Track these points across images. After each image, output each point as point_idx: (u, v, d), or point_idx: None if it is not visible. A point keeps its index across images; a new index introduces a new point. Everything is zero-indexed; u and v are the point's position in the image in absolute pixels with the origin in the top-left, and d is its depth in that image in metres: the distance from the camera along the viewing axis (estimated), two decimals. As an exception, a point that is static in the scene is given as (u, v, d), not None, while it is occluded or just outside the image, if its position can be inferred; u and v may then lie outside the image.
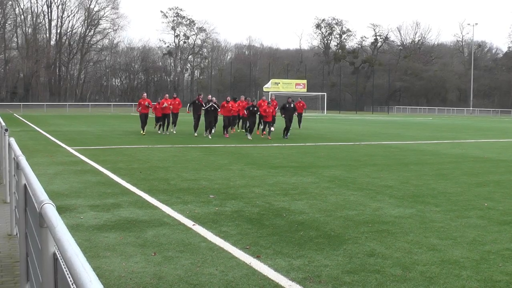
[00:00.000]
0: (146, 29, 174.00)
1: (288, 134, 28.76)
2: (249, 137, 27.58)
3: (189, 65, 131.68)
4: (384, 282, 6.13)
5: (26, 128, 35.48)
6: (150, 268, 6.46)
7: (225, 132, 29.29)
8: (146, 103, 30.48)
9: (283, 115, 28.59)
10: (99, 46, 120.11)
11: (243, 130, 32.10)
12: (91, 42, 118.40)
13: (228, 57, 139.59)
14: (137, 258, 6.82)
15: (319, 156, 19.46)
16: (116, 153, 19.58)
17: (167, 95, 32.23)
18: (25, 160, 5.17)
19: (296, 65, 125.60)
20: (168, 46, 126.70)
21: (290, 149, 22.12)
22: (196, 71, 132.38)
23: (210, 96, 30.70)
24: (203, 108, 28.57)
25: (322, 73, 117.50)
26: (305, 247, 7.45)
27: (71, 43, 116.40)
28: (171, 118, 31.09)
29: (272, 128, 28.53)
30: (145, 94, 32.63)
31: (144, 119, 30.38)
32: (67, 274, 2.48)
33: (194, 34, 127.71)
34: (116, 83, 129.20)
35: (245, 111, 28.67)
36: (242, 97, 34.22)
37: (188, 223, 8.75)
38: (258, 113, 28.30)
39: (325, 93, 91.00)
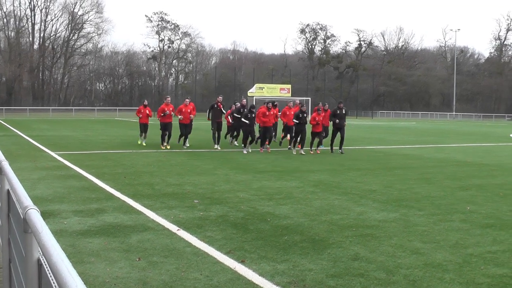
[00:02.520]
0: (130, 33, 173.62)
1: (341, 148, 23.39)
2: (302, 151, 22.55)
3: (173, 69, 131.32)
4: (368, 285, 6.16)
5: (9, 133, 35.25)
6: (134, 273, 6.45)
7: (263, 145, 23.63)
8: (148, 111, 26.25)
9: (336, 122, 23.25)
10: (83, 50, 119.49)
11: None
12: (75, 46, 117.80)
13: (213, 61, 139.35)
14: (122, 264, 6.80)
15: (303, 161, 19.51)
16: (100, 158, 19.51)
17: (188, 100, 24.94)
18: (8, 165, 5.15)
19: (281, 70, 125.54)
20: (152, 51, 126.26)
21: (275, 154, 22.15)
22: (180, 75, 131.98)
23: (244, 100, 26.40)
24: (243, 117, 23.56)
25: (307, 78, 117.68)
26: (289, 251, 7.47)
27: (55, 47, 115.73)
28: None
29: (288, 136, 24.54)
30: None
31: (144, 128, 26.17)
32: (52, 280, 2.48)
33: (178, 39, 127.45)
34: (100, 88, 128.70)
35: (293, 120, 22.95)
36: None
37: (173, 228, 8.74)
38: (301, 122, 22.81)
39: (310, 98, 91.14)
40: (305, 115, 22.80)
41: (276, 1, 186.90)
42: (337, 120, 23.21)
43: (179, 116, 24.16)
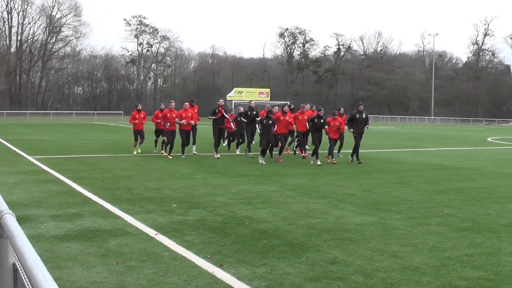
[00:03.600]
0: (109, 37, 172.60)
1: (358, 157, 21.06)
2: (319, 162, 19.86)
3: (152, 73, 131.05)
4: (346, 289, 6.19)
5: (-14, 137, 34.91)
6: (112, 278, 6.42)
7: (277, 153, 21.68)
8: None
9: (351, 130, 20.94)
10: (61, 54, 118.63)
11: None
12: (53, 50, 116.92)
13: (192, 65, 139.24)
14: (99, 268, 6.77)
15: (282, 165, 19.52)
16: (78, 162, 19.39)
17: (187, 103, 22.21)
18: (-16, 170, 5.10)
19: (260, 74, 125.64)
20: (131, 54, 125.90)
21: (253, 158, 22.14)
22: (159, 79, 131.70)
23: (253, 102, 23.89)
24: (258, 124, 21.57)
25: (286, 82, 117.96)
26: (267, 255, 7.47)
27: (32, 50, 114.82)
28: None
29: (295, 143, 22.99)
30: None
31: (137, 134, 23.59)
32: (27, 284, 2.47)
33: (157, 42, 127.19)
34: (78, 91, 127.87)
35: (307, 123, 21.13)
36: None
37: (151, 232, 8.71)
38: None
39: (288, 102, 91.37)
40: (322, 120, 20.29)
41: (255, 5, 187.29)
42: (351, 130, 20.82)
43: (181, 122, 21.37)
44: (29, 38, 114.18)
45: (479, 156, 25.30)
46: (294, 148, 24.18)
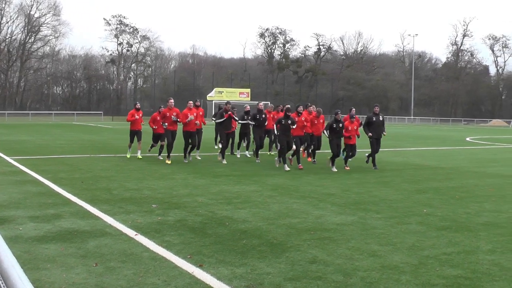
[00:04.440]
0: (88, 36, 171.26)
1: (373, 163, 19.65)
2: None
3: (132, 73, 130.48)
4: (325, 288, 6.21)
5: (-36, 137, 34.60)
6: (91, 279, 6.38)
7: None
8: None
9: (369, 134, 19.46)
10: (40, 54, 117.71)
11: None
12: (32, 49, 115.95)
13: (172, 65, 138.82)
14: (78, 269, 6.73)
15: (262, 165, 19.52)
16: (58, 162, 19.27)
17: (191, 102, 20.72)
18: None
19: (240, 74, 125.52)
20: (111, 54, 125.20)
21: (233, 157, 22.13)
22: (139, 79, 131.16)
23: (261, 104, 22.69)
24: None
25: (266, 82, 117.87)
26: (247, 255, 7.48)
27: (10, 49, 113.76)
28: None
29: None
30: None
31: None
32: (3, 286, 2.45)
33: (137, 42, 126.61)
34: (58, 92, 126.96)
35: (324, 131, 19.13)
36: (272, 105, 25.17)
37: (131, 233, 8.68)
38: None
39: (269, 102, 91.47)
40: (340, 125, 18.67)
41: (235, 5, 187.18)
42: (370, 134, 19.39)
43: (190, 117, 19.69)
44: (7, 37, 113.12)
45: (458, 156, 25.48)
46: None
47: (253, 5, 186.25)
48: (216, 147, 26.33)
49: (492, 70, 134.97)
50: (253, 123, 21.70)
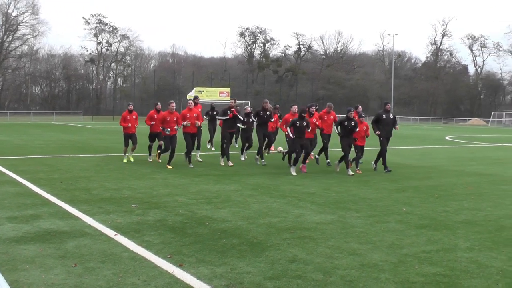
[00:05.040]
0: (67, 35, 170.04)
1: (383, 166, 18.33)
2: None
3: (112, 72, 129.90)
4: (305, 287, 6.22)
5: None
6: (70, 280, 6.35)
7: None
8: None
9: (377, 132, 18.15)
10: (18, 53, 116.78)
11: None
12: (10, 48, 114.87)
13: (152, 65, 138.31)
14: (57, 270, 6.69)
15: (242, 164, 19.50)
16: (36, 163, 19.13)
17: (191, 101, 19.54)
18: None
19: (220, 74, 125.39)
20: (90, 54, 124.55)
21: (213, 157, 22.09)
22: (119, 79, 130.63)
23: (267, 102, 20.71)
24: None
25: (246, 81, 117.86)
26: (227, 254, 7.48)
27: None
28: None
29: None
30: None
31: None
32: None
33: (117, 42, 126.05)
34: (37, 91, 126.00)
35: (336, 128, 18.04)
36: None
37: (110, 233, 8.65)
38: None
39: (249, 102, 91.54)
40: (352, 123, 17.55)
41: (215, 4, 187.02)
42: (378, 132, 18.09)
43: (185, 123, 18.56)
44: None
45: (437, 155, 25.64)
46: (317, 156, 20.57)
47: (233, 4, 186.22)
48: (209, 146, 26.10)
49: (471, 70, 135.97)
50: (255, 121, 20.14)
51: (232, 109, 19.61)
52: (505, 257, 7.64)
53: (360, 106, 19.66)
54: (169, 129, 18.25)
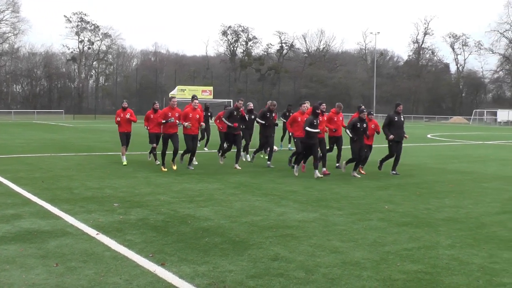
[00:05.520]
0: (49, 34, 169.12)
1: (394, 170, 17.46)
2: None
3: (94, 71, 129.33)
4: (287, 285, 6.23)
5: None
6: (52, 279, 6.31)
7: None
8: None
9: (391, 137, 16.98)
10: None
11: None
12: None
13: (134, 63, 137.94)
14: (38, 270, 6.64)
15: (224, 163, 19.45)
16: (17, 162, 18.99)
17: (196, 101, 17.66)
18: None
19: (203, 72, 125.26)
20: (72, 52, 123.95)
21: (196, 156, 22.03)
22: (101, 77, 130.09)
23: (274, 102, 19.35)
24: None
25: (228, 80, 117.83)
26: (210, 253, 7.47)
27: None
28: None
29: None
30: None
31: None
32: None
33: (99, 40, 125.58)
34: (17, 90, 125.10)
35: (347, 130, 16.92)
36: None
37: (92, 232, 8.60)
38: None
39: (231, 100, 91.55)
40: (365, 125, 16.69)
41: (197, 2, 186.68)
42: (391, 136, 16.92)
43: (186, 124, 17.08)
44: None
45: (419, 153, 25.79)
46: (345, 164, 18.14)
47: (216, 2, 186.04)
48: (206, 148, 25.47)
49: (453, 68, 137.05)
50: (263, 122, 18.80)
51: (240, 109, 18.54)
52: (485, 254, 7.70)
53: (362, 106, 17.86)
54: (172, 118, 16.94)
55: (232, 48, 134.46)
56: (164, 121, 17.18)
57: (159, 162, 18.27)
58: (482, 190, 14.04)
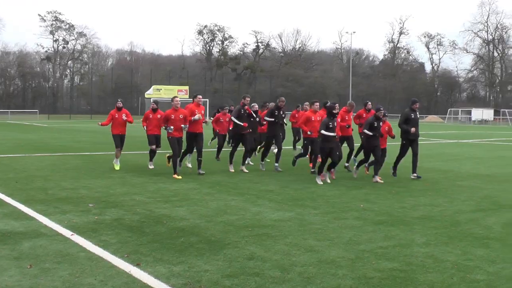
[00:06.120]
0: (22, 33, 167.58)
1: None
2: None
3: (68, 70, 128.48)
4: (263, 284, 6.23)
5: None
6: (25, 281, 6.25)
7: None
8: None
9: (412, 129, 16.36)
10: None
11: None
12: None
13: (109, 63, 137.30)
14: (12, 272, 6.58)
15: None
16: (-9, 162, 18.81)
17: (200, 96, 17.17)
18: None
19: (178, 72, 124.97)
20: (46, 51, 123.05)
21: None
22: (76, 77, 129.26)
23: (282, 99, 18.41)
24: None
25: (204, 79, 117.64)
26: (185, 253, 7.45)
27: None
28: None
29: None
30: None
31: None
32: None
33: (73, 39, 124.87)
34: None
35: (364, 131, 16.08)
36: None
37: (66, 233, 8.53)
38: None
39: (208, 100, 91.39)
40: (381, 124, 16.03)
41: (173, 2, 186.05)
42: (411, 129, 16.22)
43: (197, 116, 16.07)
44: None
45: (395, 151, 25.84)
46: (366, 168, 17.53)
47: (192, 2, 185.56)
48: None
49: (428, 67, 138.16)
50: (272, 119, 17.62)
51: (246, 107, 17.52)
52: (460, 251, 7.76)
53: (369, 103, 18.13)
54: (172, 127, 15.49)
55: (208, 48, 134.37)
56: (165, 126, 15.83)
57: (152, 167, 17.62)
58: (457, 188, 14.16)
